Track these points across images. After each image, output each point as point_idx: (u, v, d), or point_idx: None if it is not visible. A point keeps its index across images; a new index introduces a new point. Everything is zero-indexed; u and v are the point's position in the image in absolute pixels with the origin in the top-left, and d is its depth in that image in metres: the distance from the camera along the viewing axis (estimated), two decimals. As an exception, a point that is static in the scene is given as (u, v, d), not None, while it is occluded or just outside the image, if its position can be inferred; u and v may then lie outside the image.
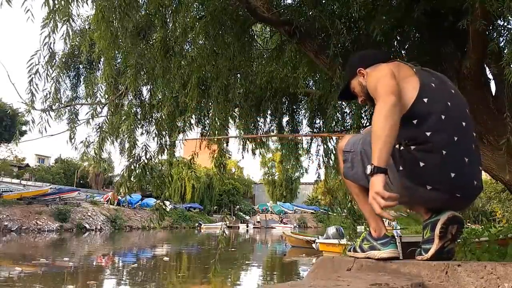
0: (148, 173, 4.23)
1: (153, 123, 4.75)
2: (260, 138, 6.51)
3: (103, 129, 4.30)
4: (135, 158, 4.19)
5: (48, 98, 4.00)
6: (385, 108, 1.49)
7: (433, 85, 1.68)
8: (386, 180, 1.44)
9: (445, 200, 1.61)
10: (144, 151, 4.22)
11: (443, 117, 1.60)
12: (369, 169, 1.46)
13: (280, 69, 5.31)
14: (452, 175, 1.57)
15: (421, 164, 1.57)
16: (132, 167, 4.16)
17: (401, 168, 1.61)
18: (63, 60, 5.28)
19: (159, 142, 4.49)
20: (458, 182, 1.59)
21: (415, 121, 1.59)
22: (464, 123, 1.67)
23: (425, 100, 1.61)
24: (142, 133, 4.88)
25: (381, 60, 1.86)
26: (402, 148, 1.62)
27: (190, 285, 10.77)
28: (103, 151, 4.36)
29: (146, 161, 4.19)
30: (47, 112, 4.07)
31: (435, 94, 1.64)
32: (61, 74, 5.24)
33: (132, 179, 4.22)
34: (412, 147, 1.59)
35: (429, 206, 1.66)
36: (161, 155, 4.61)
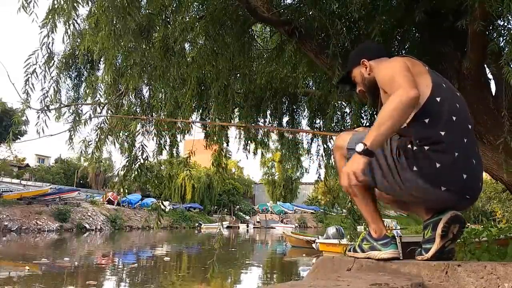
0: (144, 173, 4.21)
1: (152, 123, 4.73)
2: (261, 136, 6.51)
3: (103, 129, 4.30)
4: (132, 158, 4.17)
5: (46, 98, 3.97)
6: (403, 99, 1.45)
7: (443, 85, 1.67)
8: (367, 164, 1.49)
9: (454, 201, 1.61)
10: (141, 151, 4.21)
11: (454, 118, 1.59)
12: (361, 147, 1.46)
13: (280, 69, 5.31)
14: (464, 176, 1.57)
15: (437, 165, 1.55)
16: (129, 167, 4.14)
17: (415, 169, 1.58)
18: (64, 60, 5.28)
19: (158, 142, 4.48)
20: (469, 183, 1.60)
21: (427, 120, 1.57)
22: (470, 126, 1.67)
23: (438, 99, 1.59)
24: (143, 133, 4.88)
25: (384, 55, 1.85)
26: (415, 148, 1.59)
27: (190, 285, 10.77)
28: (101, 151, 4.35)
29: (142, 161, 4.17)
30: (45, 112, 4.03)
31: (446, 95, 1.63)
32: (62, 75, 5.23)
33: (128, 179, 4.20)
34: (426, 147, 1.57)
35: (438, 207, 1.65)
36: (160, 155, 4.60)
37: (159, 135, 4.44)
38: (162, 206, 4.30)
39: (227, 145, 5.65)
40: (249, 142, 6.53)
